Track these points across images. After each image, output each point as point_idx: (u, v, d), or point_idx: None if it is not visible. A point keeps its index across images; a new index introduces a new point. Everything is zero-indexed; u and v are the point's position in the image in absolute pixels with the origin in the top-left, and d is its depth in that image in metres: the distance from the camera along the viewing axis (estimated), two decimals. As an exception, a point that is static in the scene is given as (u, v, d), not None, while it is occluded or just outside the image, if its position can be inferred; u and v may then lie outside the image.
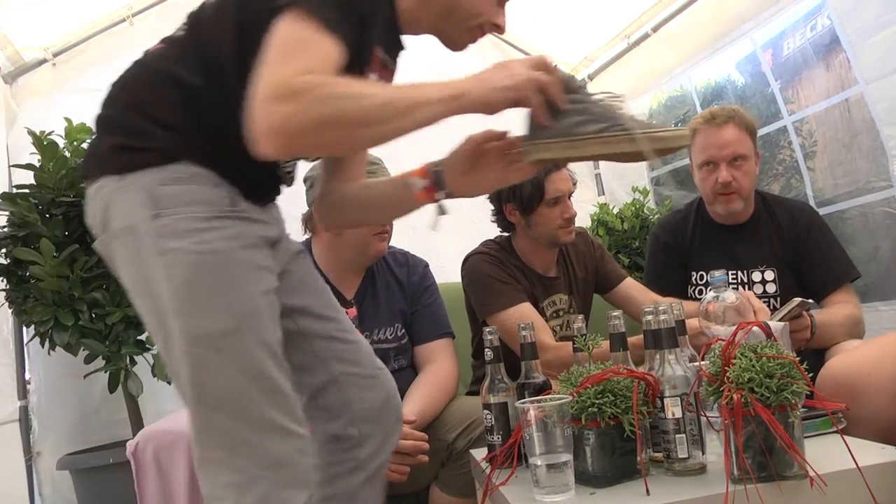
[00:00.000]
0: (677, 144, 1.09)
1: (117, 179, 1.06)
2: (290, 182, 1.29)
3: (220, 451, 1.03)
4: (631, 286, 2.13)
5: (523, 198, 1.93)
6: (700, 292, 2.05)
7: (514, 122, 1.19)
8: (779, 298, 1.95)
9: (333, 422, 1.26)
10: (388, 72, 1.22)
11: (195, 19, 1.16)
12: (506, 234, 2.09)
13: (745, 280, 2.00)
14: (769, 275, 1.99)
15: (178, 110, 1.09)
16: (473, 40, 1.26)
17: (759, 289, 1.98)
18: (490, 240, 2.09)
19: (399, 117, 1.01)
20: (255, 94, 0.95)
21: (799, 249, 1.98)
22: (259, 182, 1.18)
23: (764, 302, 1.94)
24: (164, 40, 1.18)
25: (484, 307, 1.94)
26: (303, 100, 0.93)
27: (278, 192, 1.28)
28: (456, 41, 1.25)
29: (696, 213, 2.13)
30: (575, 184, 2.03)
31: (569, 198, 1.98)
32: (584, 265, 2.13)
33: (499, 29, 1.25)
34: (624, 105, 1.10)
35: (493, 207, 2.07)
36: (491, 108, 1.07)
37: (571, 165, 2.00)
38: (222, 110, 1.07)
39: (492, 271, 1.94)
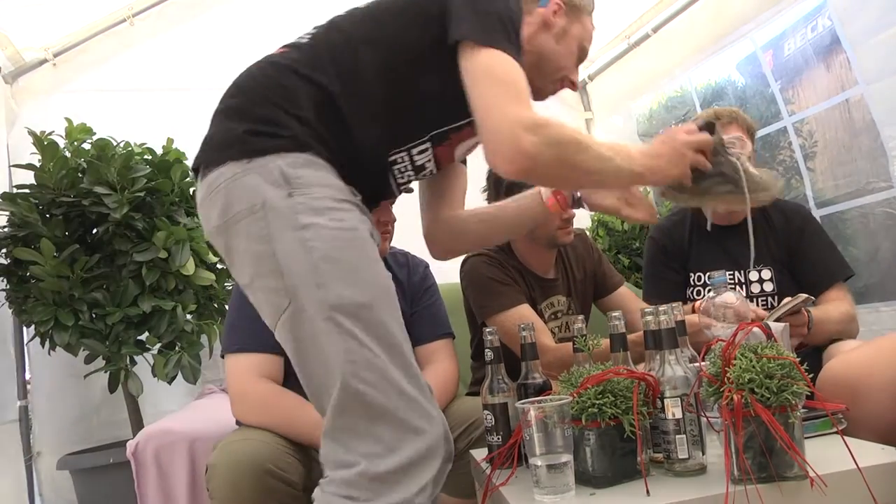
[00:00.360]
0: (773, 198, 1.33)
1: (244, 164, 1.09)
2: (397, 195, 1.33)
3: (361, 422, 1.03)
4: (624, 295, 2.14)
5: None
6: (698, 293, 2.06)
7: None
8: (776, 297, 1.96)
9: None
10: None
11: (330, 30, 1.23)
12: None
13: (743, 279, 2.00)
14: (766, 273, 1.99)
15: (311, 107, 1.14)
16: (554, 92, 1.39)
17: (756, 287, 1.99)
18: None
19: (603, 174, 1.18)
20: (502, 121, 1.08)
21: (793, 249, 1.99)
22: (368, 189, 1.22)
23: (762, 300, 1.96)
24: (288, 46, 1.24)
25: (483, 309, 1.94)
26: (547, 134, 1.08)
27: (377, 204, 1.32)
28: (539, 91, 1.35)
29: (691, 215, 2.14)
30: None
31: None
32: (583, 267, 2.13)
33: (573, 86, 1.41)
34: (744, 153, 1.30)
35: None
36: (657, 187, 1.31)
37: None
38: (354, 117, 1.15)
39: (491, 273, 1.94)
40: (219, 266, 2.64)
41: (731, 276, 1.99)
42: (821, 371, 1.46)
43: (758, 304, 1.96)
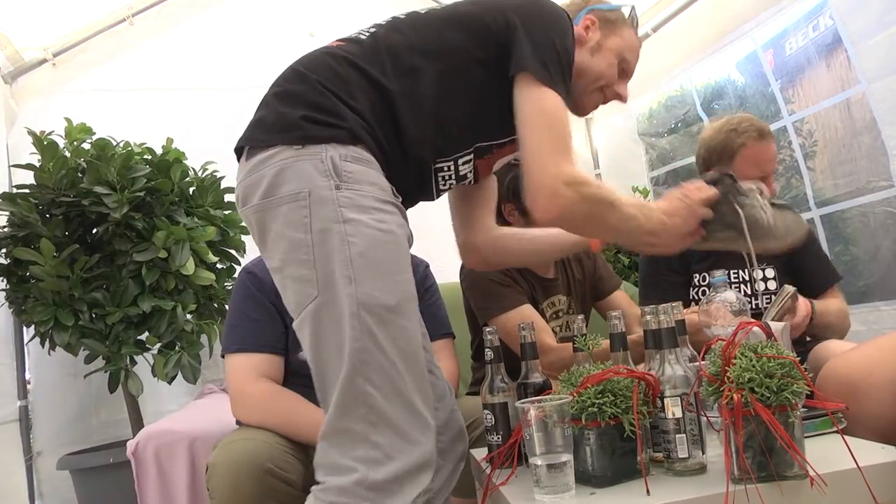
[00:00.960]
0: (788, 246, 1.40)
1: (296, 149, 1.10)
2: (435, 198, 1.35)
3: (361, 425, 1.04)
4: (621, 299, 2.14)
5: (523, 198, 1.92)
6: (703, 293, 2.06)
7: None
8: None
9: None
10: None
11: (390, 31, 1.24)
12: None
13: (748, 277, 2.02)
14: (769, 272, 2.01)
15: (367, 102, 1.16)
16: (596, 105, 1.43)
17: (760, 286, 2.01)
18: None
19: (624, 232, 1.25)
20: (546, 172, 1.16)
21: (793, 251, 1.99)
22: (411, 189, 1.24)
23: (766, 298, 1.98)
24: (344, 40, 1.25)
25: (484, 311, 1.94)
26: (582, 191, 1.17)
27: (414, 204, 1.33)
28: (580, 105, 1.40)
29: None
30: None
31: None
32: (582, 267, 2.13)
33: (621, 98, 1.44)
34: (759, 202, 1.34)
35: None
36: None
37: None
38: (407, 117, 1.17)
39: (491, 274, 1.94)
40: (219, 266, 2.64)
41: (736, 274, 2.01)
42: (821, 370, 1.46)
43: (762, 302, 1.96)
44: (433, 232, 2.77)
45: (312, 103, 1.13)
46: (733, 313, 1.36)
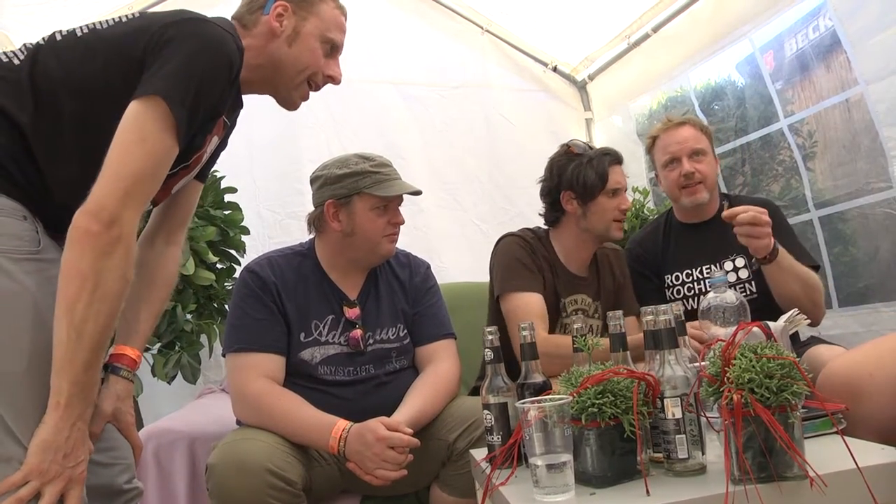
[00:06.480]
0: None
1: None
2: None
3: None
4: (632, 324, 2.13)
5: (586, 185, 1.97)
6: (678, 292, 2.12)
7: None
8: (753, 283, 2.03)
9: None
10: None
11: (38, 57, 1.17)
12: (545, 227, 2.13)
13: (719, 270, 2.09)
14: (739, 262, 2.07)
15: (2, 140, 1.09)
16: (304, 96, 1.34)
17: (732, 276, 2.07)
18: (527, 228, 2.14)
19: (82, 317, 1.07)
20: (108, 196, 1.04)
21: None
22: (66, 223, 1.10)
23: (739, 287, 2.04)
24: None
25: (501, 283, 1.99)
26: (117, 244, 1.06)
27: None
28: (287, 99, 1.35)
29: (665, 221, 2.25)
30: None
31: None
32: (614, 279, 2.16)
33: (332, 80, 1.36)
34: None
35: (546, 199, 2.10)
36: None
37: None
38: (45, 157, 1.10)
39: (519, 254, 1.99)
40: (219, 266, 2.64)
41: (709, 269, 2.08)
42: (821, 371, 1.47)
43: (736, 291, 1.94)
44: (433, 232, 2.78)
45: None
46: (732, 314, 1.36)
